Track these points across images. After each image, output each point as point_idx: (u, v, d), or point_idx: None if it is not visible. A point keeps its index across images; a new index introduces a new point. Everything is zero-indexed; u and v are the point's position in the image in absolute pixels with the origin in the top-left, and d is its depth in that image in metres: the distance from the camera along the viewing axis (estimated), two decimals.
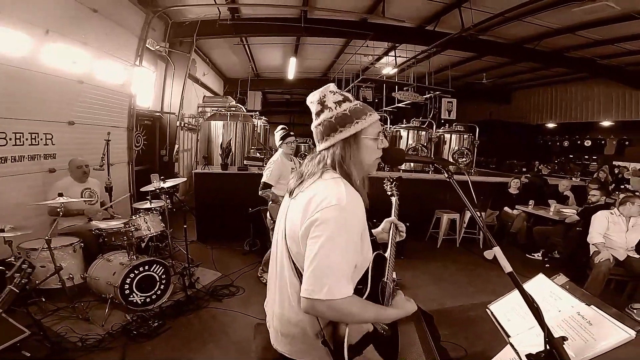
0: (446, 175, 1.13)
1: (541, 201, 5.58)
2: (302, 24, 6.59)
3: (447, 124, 7.78)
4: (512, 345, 1.19)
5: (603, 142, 11.45)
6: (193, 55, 7.35)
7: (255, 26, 6.72)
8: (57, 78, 3.97)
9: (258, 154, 5.86)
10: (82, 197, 3.51)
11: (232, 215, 4.86)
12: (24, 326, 2.25)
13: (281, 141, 3.57)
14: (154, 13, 5.74)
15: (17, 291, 2.20)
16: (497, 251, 0.96)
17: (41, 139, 3.76)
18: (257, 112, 7.41)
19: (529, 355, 0.86)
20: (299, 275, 1.03)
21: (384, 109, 9.99)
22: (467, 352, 2.47)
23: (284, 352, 1.13)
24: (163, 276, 3.17)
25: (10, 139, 3.39)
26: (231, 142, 5.82)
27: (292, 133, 3.64)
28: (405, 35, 7.11)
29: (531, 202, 5.51)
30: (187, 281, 3.45)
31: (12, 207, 3.36)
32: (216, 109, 7.27)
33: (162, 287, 3.18)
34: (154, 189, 3.37)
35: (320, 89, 1.16)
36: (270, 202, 3.45)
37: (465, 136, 6.89)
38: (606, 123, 10.53)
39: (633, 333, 1.01)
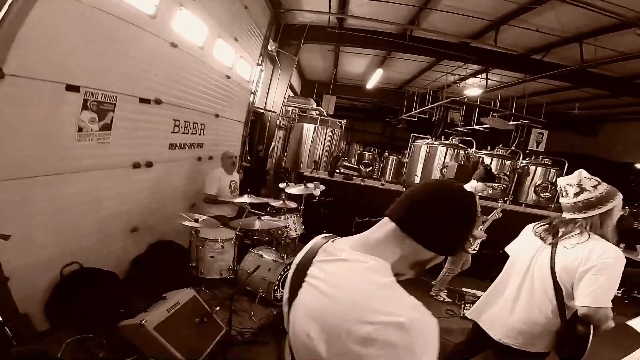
0: None
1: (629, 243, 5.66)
2: (407, 41, 7.01)
3: (532, 155, 7.80)
4: None
5: None
6: None
7: (360, 37, 7.20)
8: (215, 71, 4.39)
9: (346, 164, 6.29)
10: (230, 188, 4.08)
11: (333, 218, 5.32)
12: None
13: (482, 182, 3.60)
14: (276, 15, 6.34)
15: None
16: None
17: (198, 129, 4.28)
18: (344, 120, 7.90)
19: None
20: (557, 292, 1.66)
21: (459, 129, 10.18)
22: None
23: (513, 345, 1.73)
24: None
25: (181, 127, 3.87)
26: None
27: (496, 180, 3.99)
28: (508, 63, 7.31)
29: (622, 245, 5.59)
30: None
31: (177, 192, 3.95)
32: (304, 111, 7.85)
33: None
34: (312, 192, 3.88)
35: (576, 174, 1.73)
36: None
37: (552, 170, 6.91)
38: None
39: None
